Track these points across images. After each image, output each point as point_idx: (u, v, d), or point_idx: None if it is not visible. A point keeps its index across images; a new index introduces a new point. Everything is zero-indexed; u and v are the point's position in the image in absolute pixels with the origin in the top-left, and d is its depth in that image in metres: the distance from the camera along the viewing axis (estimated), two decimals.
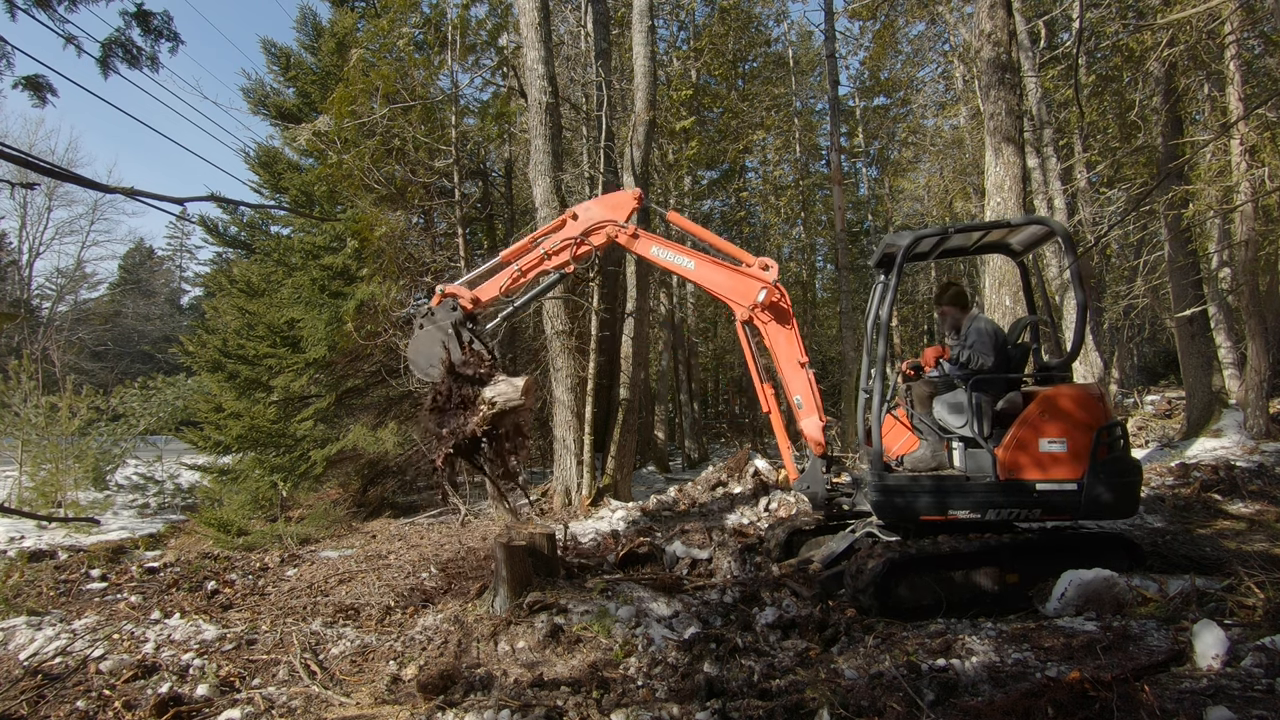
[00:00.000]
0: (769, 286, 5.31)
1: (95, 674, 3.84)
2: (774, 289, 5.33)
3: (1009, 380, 4.92)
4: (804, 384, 5.26)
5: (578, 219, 5.62)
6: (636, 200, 5.68)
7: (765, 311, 5.35)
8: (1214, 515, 6.74)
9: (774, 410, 5.52)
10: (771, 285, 5.33)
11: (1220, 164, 10.94)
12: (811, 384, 5.26)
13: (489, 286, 5.53)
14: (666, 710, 3.14)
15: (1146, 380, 22.94)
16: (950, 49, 18.39)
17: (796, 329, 5.38)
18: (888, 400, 5.24)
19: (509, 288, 5.57)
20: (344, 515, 9.56)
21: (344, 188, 10.07)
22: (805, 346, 5.42)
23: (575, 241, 5.52)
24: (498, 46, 13.31)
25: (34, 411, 11.03)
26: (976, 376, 4.78)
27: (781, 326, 5.38)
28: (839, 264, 17.19)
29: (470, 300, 5.39)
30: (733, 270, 5.50)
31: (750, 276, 5.41)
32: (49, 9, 4.38)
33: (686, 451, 18.63)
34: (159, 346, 32.18)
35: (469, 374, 5.01)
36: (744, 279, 5.42)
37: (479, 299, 5.45)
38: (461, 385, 4.98)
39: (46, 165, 3.29)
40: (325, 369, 10.19)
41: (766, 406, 5.55)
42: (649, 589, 5.03)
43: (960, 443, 4.84)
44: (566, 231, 5.61)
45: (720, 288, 5.50)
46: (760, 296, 5.29)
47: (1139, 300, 13.80)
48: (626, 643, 4.13)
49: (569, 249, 5.52)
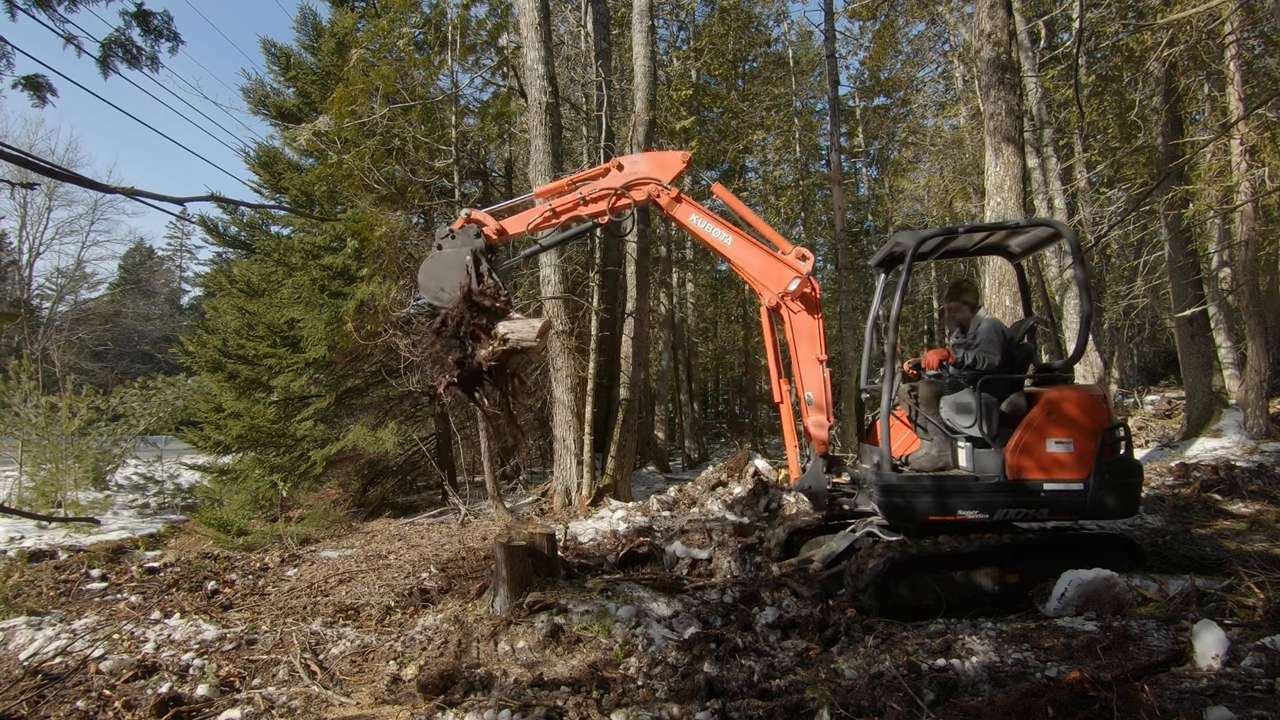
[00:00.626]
0: (803, 277, 5.21)
1: (95, 674, 3.84)
2: (807, 280, 5.23)
3: (1013, 381, 4.92)
4: (819, 381, 5.22)
5: (622, 169, 5.38)
6: (684, 163, 5.45)
7: (795, 301, 5.25)
8: (1214, 515, 6.74)
9: (785, 402, 5.45)
10: (805, 276, 5.23)
11: (1220, 164, 10.94)
12: (826, 382, 5.22)
13: (516, 221, 5.30)
14: (666, 710, 3.14)
15: (1146, 380, 22.93)
16: (950, 49, 18.39)
17: (822, 324, 5.30)
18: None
19: (538, 226, 5.33)
20: (344, 515, 9.56)
21: (344, 188, 10.07)
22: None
23: (615, 193, 5.28)
24: (498, 46, 13.30)
25: (34, 411, 11.02)
26: (986, 377, 4.79)
27: (808, 318, 5.29)
28: (839, 264, 17.19)
29: (495, 230, 5.14)
30: (769, 254, 5.36)
31: (785, 264, 5.30)
32: (49, 9, 4.38)
33: (686, 451, 18.64)
34: (159, 346, 32.18)
35: (486, 305, 4.78)
36: (779, 265, 5.31)
37: (505, 231, 5.21)
38: (476, 315, 4.75)
39: (46, 165, 3.29)
40: (325, 369, 10.18)
41: (779, 397, 5.48)
42: (649, 589, 5.03)
43: (968, 443, 4.84)
44: (608, 181, 5.37)
45: (754, 270, 5.35)
46: (793, 285, 5.19)
47: (1139, 300, 13.80)
48: (626, 643, 4.13)
49: (607, 199, 5.28)
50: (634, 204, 5.35)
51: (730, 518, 7.98)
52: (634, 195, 5.32)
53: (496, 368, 4.76)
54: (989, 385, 4.76)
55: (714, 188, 5.72)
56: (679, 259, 20.47)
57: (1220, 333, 12.13)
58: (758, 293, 5.47)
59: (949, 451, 4.95)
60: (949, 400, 4.93)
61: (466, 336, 4.73)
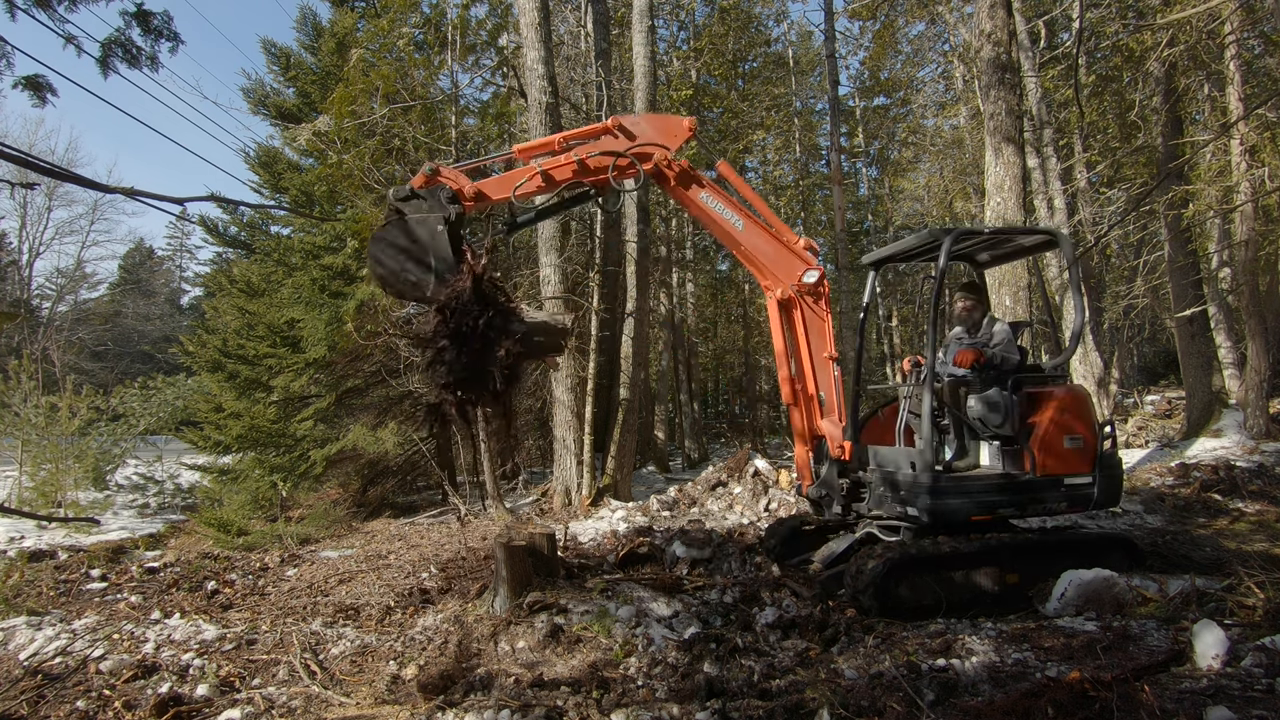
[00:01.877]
0: (818, 269, 4.99)
1: (95, 674, 3.83)
2: (821, 272, 5.03)
3: (1017, 380, 4.98)
4: (830, 380, 5.10)
5: (624, 132, 4.65)
6: (690, 130, 4.80)
7: (808, 295, 4.99)
8: (1216, 515, 6.74)
9: (800, 405, 5.19)
10: (821, 269, 5.03)
11: (1220, 164, 10.94)
12: (837, 381, 5.11)
13: (497, 184, 4.43)
14: (666, 710, 3.14)
15: (1146, 380, 22.94)
16: (950, 49, 18.39)
17: (830, 321, 5.15)
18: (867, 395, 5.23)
19: (527, 192, 4.51)
20: (344, 515, 9.56)
21: (344, 188, 10.07)
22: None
23: (619, 160, 4.54)
24: (498, 46, 13.30)
25: (34, 411, 11.02)
26: (1016, 376, 4.85)
27: (820, 314, 5.09)
28: (839, 264, 17.18)
29: (472, 193, 4.19)
30: (781, 243, 5.02)
31: (797, 254, 5.03)
32: (49, 9, 4.38)
33: (686, 451, 18.63)
34: (159, 346, 32.17)
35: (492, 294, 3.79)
36: (790, 255, 5.02)
37: (485, 195, 4.28)
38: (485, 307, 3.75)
39: (46, 165, 3.29)
40: (325, 369, 10.18)
41: (790, 398, 5.21)
42: (649, 589, 5.03)
43: (994, 441, 4.88)
44: (609, 144, 4.65)
45: (765, 258, 4.98)
46: (811, 278, 4.94)
47: (1139, 300, 13.80)
48: (626, 643, 4.13)
49: (608, 165, 4.53)
50: (639, 174, 4.68)
51: (730, 518, 7.99)
52: (642, 165, 4.66)
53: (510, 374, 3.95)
54: (1014, 385, 4.83)
55: (720, 165, 5.19)
56: (679, 259, 20.46)
57: (1220, 333, 12.13)
58: (766, 285, 5.15)
59: (974, 451, 4.98)
60: (980, 399, 4.88)
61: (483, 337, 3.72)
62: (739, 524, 7.54)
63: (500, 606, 4.75)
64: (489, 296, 3.83)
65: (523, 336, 3.87)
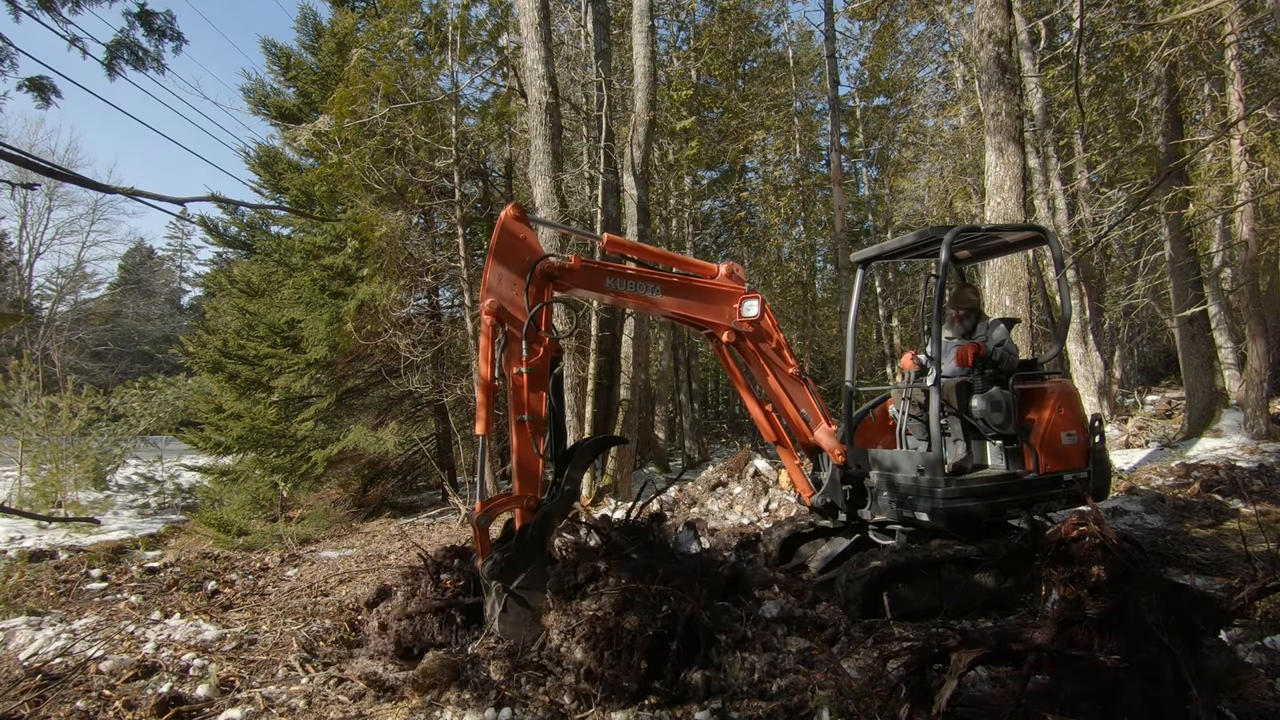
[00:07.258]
0: (756, 296, 4.65)
1: (95, 674, 3.83)
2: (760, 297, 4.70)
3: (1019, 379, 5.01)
4: (805, 395, 5.02)
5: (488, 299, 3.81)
6: (515, 215, 3.90)
7: (756, 325, 4.70)
8: (1216, 515, 6.73)
9: (785, 442, 5.11)
10: (757, 294, 4.70)
11: (1221, 164, 10.95)
12: (813, 392, 5.06)
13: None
14: (667, 709, 3.13)
15: (1146, 380, 22.92)
16: (950, 49, 18.38)
17: (782, 335, 4.96)
18: (867, 396, 5.22)
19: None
20: (344, 515, 9.58)
21: (344, 188, 10.08)
22: (800, 350, 5.15)
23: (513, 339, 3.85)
24: (498, 46, 13.31)
25: (34, 411, 11.03)
26: (1017, 374, 4.88)
27: (771, 333, 4.84)
28: (839, 264, 17.19)
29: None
30: (704, 285, 4.64)
31: (724, 289, 4.67)
32: (52, 10, 4.38)
33: (686, 451, 18.63)
34: (159, 346, 32.17)
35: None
36: (719, 293, 4.66)
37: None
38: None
39: (47, 165, 3.29)
40: (325, 369, 10.19)
41: (772, 436, 5.11)
42: None
43: (999, 440, 4.88)
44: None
45: (695, 311, 4.56)
46: (751, 310, 4.60)
47: (1139, 300, 13.80)
48: None
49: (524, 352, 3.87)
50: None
51: (731, 518, 7.99)
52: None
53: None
54: (1005, 382, 4.85)
55: (606, 238, 4.67)
56: None
57: (1221, 333, 12.13)
58: (713, 333, 4.75)
59: (978, 451, 5.01)
60: (983, 398, 4.84)
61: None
62: (739, 524, 7.53)
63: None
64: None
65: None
